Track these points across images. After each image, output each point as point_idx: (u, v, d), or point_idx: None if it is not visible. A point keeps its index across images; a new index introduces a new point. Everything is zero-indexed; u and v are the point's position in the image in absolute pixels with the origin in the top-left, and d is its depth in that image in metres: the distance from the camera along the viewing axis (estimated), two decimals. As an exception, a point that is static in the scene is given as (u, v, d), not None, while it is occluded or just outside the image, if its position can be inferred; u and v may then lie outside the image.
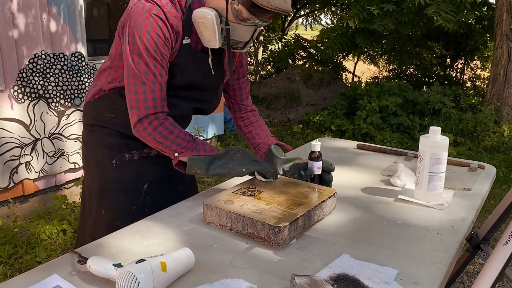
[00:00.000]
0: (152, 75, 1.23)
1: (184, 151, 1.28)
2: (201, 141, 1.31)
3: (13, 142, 3.04)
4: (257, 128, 1.57)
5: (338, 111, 6.31)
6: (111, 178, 1.42)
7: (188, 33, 1.29)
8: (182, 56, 1.30)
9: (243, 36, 1.26)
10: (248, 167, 1.27)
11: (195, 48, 1.32)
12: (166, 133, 1.26)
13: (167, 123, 1.27)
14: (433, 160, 1.29)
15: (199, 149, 1.29)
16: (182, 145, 1.28)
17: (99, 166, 1.44)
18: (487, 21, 7.08)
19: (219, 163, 1.28)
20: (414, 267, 0.99)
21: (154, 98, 1.24)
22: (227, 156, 1.29)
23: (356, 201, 1.37)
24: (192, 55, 1.32)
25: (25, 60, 3.04)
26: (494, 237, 2.66)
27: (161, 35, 1.21)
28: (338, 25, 7.38)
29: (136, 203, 1.41)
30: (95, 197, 1.46)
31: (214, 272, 0.96)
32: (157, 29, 1.20)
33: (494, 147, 5.15)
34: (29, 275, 0.94)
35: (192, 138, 1.30)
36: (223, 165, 1.27)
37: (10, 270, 2.55)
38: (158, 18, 1.20)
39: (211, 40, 1.25)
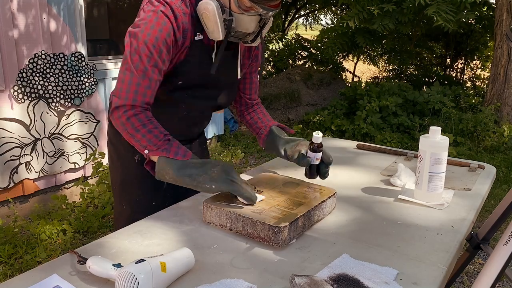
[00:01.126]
0: (143, 69, 1.20)
1: (154, 150, 1.20)
2: (177, 143, 1.22)
3: (13, 142, 3.04)
4: (259, 113, 1.56)
5: (338, 111, 6.31)
6: (133, 173, 1.44)
7: (200, 29, 1.27)
8: (194, 52, 1.28)
9: (247, 27, 1.23)
10: (219, 185, 1.14)
11: (207, 43, 1.31)
12: (138, 125, 1.20)
13: (143, 116, 1.21)
14: (433, 160, 1.29)
15: (170, 150, 1.19)
16: (153, 142, 1.19)
17: (121, 161, 1.46)
18: (487, 21, 7.08)
19: (190, 171, 1.17)
20: (414, 267, 0.99)
21: (136, 91, 1.20)
22: (202, 168, 1.17)
23: (356, 201, 1.37)
24: (205, 50, 1.30)
25: (25, 60, 3.04)
26: (494, 237, 2.66)
27: (163, 34, 1.19)
28: (338, 25, 7.38)
29: (156, 199, 1.43)
30: (117, 191, 1.50)
31: (214, 272, 0.96)
32: (160, 27, 1.18)
33: (494, 147, 5.15)
34: (29, 275, 0.94)
35: (166, 138, 1.21)
36: (194, 176, 1.16)
37: (10, 270, 2.55)
38: (165, 16, 1.19)
39: (214, 32, 1.23)
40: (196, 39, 1.27)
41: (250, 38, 1.28)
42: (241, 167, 4.63)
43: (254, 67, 1.51)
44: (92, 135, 3.58)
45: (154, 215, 1.25)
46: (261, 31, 1.28)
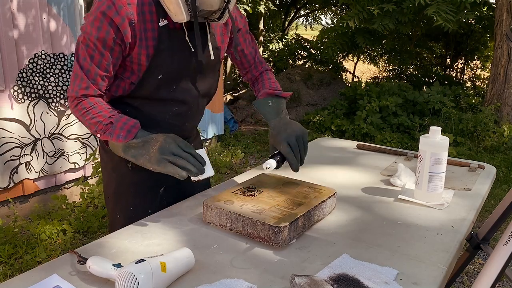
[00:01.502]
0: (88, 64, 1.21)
1: (102, 134, 1.22)
2: (120, 124, 1.21)
3: (13, 142, 3.04)
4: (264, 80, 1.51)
5: (338, 111, 6.31)
6: (127, 181, 1.40)
7: (163, 14, 1.22)
8: (163, 39, 1.24)
9: (212, 4, 1.17)
10: (155, 167, 1.15)
11: (174, 27, 1.25)
12: (83, 112, 1.23)
13: (86, 102, 1.23)
14: (433, 160, 1.29)
15: (113, 134, 1.20)
16: (99, 128, 1.22)
17: (115, 170, 1.41)
18: (487, 21, 7.08)
19: (133, 152, 1.19)
20: (414, 267, 0.99)
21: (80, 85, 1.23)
22: (143, 148, 1.18)
23: (356, 201, 1.37)
24: (174, 35, 1.25)
25: (25, 60, 3.04)
26: (494, 237, 2.66)
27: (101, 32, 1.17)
28: (338, 25, 7.38)
29: (152, 207, 1.35)
30: (111, 200, 1.45)
31: (214, 272, 0.96)
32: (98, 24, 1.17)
33: (494, 147, 5.15)
34: (29, 275, 0.94)
35: (109, 121, 1.21)
36: (137, 157, 1.18)
37: (10, 270, 2.55)
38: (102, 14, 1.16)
39: (178, 14, 1.17)
40: (160, 25, 1.22)
41: (216, 15, 1.23)
42: (241, 167, 4.63)
43: (240, 39, 1.45)
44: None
45: (154, 215, 1.25)
46: (227, 6, 1.22)
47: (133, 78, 1.28)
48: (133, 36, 1.20)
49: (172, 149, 1.15)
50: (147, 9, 1.20)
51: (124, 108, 1.32)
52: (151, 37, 1.22)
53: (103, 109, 1.23)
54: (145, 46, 1.23)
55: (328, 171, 1.63)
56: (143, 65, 1.25)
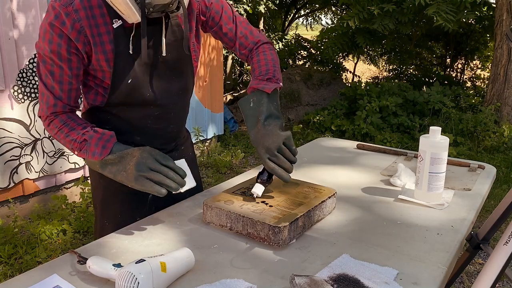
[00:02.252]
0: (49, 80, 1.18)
1: (78, 152, 1.18)
2: (95, 140, 1.15)
3: (13, 142, 3.04)
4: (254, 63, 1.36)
5: (338, 111, 6.31)
6: (114, 189, 1.33)
7: (115, 15, 1.15)
8: (121, 41, 1.17)
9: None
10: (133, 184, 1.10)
11: (130, 26, 1.18)
12: (56, 131, 1.20)
13: (57, 120, 1.20)
14: (433, 160, 1.29)
15: (88, 151, 1.15)
16: (74, 146, 1.18)
17: (102, 177, 1.32)
18: (487, 21, 7.09)
19: (110, 169, 1.14)
20: (414, 267, 0.99)
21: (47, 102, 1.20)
22: (120, 164, 1.13)
23: (356, 201, 1.37)
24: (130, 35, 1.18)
25: (25, 60, 3.04)
26: (494, 237, 2.66)
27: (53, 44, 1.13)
28: (338, 25, 7.38)
29: (140, 214, 1.30)
30: (99, 208, 1.42)
31: (214, 272, 0.96)
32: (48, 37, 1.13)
33: (494, 147, 5.15)
34: (29, 275, 0.94)
35: (83, 138, 1.17)
36: (115, 173, 1.13)
37: (10, 270, 2.55)
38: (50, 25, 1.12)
39: (130, 15, 1.10)
40: (115, 27, 1.16)
41: (174, 6, 1.14)
42: (241, 167, 4.63)
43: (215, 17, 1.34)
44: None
45: (154, 215, 1.25)
46: None
47: (104, 84, 1.24)
48: (86, 43, 1.15)
49: (149, 164, 1.09)
50: (97, 12, 1.14)
51: (106, 116, 1.28)
52: (108, 40, 1.16)
53: (75, 126, 1.19)
54: (102, 51, 1.17)
55: (328, 171, 1.63)
56: (106, 70, 1.20)
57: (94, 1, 1.14)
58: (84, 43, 1.15)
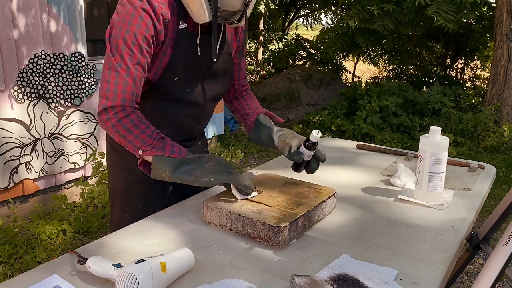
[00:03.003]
0: (126, 67, 1.16)
1: (149, 150, 1.17)
2: (170, 142, 1.20)
3: (13, 142, 3.04)
4: (247, 100, 1.51)
5: (338, 111, 6.31)
6: (137, 180, 1.39)
7: (183, 17, 1.23)
8: (181, 42, 1.24)
9: (234, 4, 1.18)
10: (217, 177, 1.14)
11: (193, 31, 1.26)
12: (130, 126, 1.17)
13: (134, 116, 1.19)
14: (433, 160, 1.29)
15: (165, 149, 1.17)
16: (147, 142, 1.17)
17: (126, 168, 1.41)
18: (487, 21, 7.09)
19: (186, 168, 1.15)
20: (414, 267, 0.99)
21: (124, 90, 1.17)
22: (197, 162, 1.17)
23: (356, 201, 1.37)
24: (191, 39, 1.26)
25: (25, 60, 3.04)
26: (494, 237, 2.66)
27: (141, 29, 1.15)
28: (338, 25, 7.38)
29: (160, 206, 1.36)
30: (119, 199, 1.46)
31: (214, 272, 0.96)
32: (137, 22, 1.14)
33: (494, 147, 5.16)
34: (29, 275, 0.94)
35: (160, 136, 1.19)
36: (190, 171, 1.15)
37: (10, 270, 2.55)
38: (142, 10, 1.14)
39: (200, 14, 1.17)
40: (180, 28, 1.22)
41: (236, 17, 1.23)
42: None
43: (240, 50, 1.46)
44: (92, 135, 3.58)
45: (154, 215, 1.25)
46: (246, 9, 1.22)
47: (150, 77, 1.27)
48: (165, 35, 1.20)
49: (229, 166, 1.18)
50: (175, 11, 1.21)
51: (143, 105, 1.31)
52: (172, 38, 1.23)
53: (150, 125, 1.20)
54: (165, 47, 1.22)
55: (328, 171, 1.63)
56: (162, 66, 1.25)
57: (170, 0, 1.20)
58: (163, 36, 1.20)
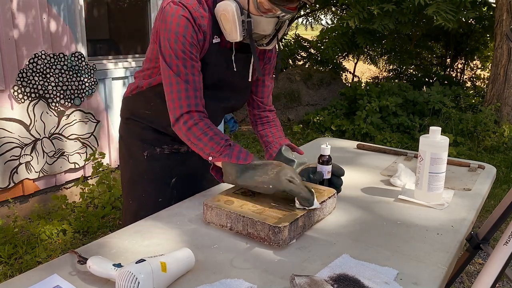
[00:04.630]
0: (184, 75, 1.24)
1: (217, 156, 1.22)
2: (238, 147, 1.24)
3: (13, 142, 3.04)
4: (272, 127, 1.55)
5: (338, 111, 6.31)
6: (142, 169, 1.47)
7: (218, 32, 1.29)
8: (212, 55, 1.30)
9: (265, 29, 1.24)
10: (276, 185, 1.14)
11: (224, 46, 1.33)
12: (199, 134, 1.24)
13: (202, 124, 1.25)
14: (433, 160, 1.29)
15: (232, 155, 1.21)
16: (216, 149, 1.23)
17: (131, 157, 1.50)
18: (487, 21, 7.09)
19: (251, 173, 1.19)
20: (414, 267, 0.99)
21: (187, 96, 1.25)
22: (262, 169, 1.19)
23: (356, 201, 1.37)
24: (222, 53, 1.32)
25: (25, 60, 3.04)
26: (494, 237, 2.66)
27: (188, 36, 1.22)
28: (338, 25, 7.38)
29: (163, 196, 1.45)
30: (125, 187, 1.54)
31: (214, 272, 0.96)
32: (184, 30, 1.22)
33: (494, 147, 5.16)
34: (29, 275, 0.94)
35: (227, 142, 1.24)
36: (254, 177, 1.18)
37: (10, 270, 2.55)
38: (185, 19, 1.22)
39: (232, 33, 1.24)
40: (214, 42, 1.29)
41: (266, 41, 1.30)
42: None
43: (267, 69, 1.52)
44: (92, 135, 3.58)
45: (154, 215, 1.25)
46: (277, 34, 1.30)
47: None
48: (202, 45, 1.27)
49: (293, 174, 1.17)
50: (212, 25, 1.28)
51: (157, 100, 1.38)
52: (205, 48, 1.29)
53: (218, 132, 1.26)
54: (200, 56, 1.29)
55: (328, 171, 1.62)
56: None
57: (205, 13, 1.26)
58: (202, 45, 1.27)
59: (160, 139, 1.47)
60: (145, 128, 1.47)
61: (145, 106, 1.44)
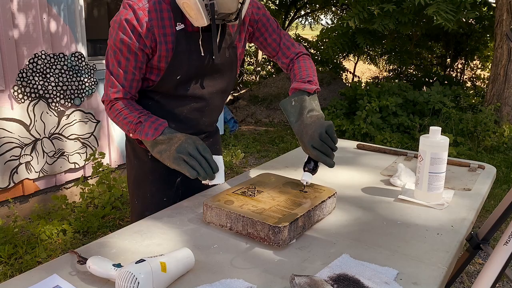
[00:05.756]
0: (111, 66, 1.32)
1: (133, 133, 1.32)
2: (148, 123, 1.29)
3: (13, 142, 3.04)
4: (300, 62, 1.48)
5: (338, 111, 6.31)
6: (147, 169, 1.49)
7: (179, 18, 1.30)
8: (181, 43, 1.31)
9: (230, 7, 1.24)
10: (171, 163, 1.23)
11: (192, 31, 1.33)
12: (116, 114, 1.33)
13: (118, 104, 1.33)
14: (433, 160, 1.29)
15: (142, 132, 1.29)
16: (130, 127, 1.31)
17: (136, 158, 1.52)
18: (487, 21, 7.08)
19: (159, 148, 1.26)
20: (414, 267, 0.99)
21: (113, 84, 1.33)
22: (167, 144, 1.26)
23: (356, 201, 1.37)
24: (191, 38, 1.32)
25: (25, 60, 3.04)
26: (494, 237, 2.66)
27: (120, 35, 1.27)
28: (338, 25, 7.37)
29: (167, 195, 1.47)
30: (131, 187, 1.55)
31: (214, 272, 0.96)
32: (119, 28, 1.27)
33: (494, 147, 5.15)
34: (29, 275, 0.94)
35: (139, 120, 1.30)
36: (162, 152, 1.26)
37: (10, 270, 2.55)
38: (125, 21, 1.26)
39: (199, 19, 1.24)
40: (178, 29, 1.30)
41: (233, 16, 1.29)
42: (241, 167, 4.63)
43: (261, 29, 1.49)
44: (92, 135, 3.58)
45: (154, 215, 1.25)
46: (242, 6, 1.28)
47: (152, 77, 1.37)
48: (153, 40, 1.29)
49: (189, 150, 1.21)
50: (166, 15, 1.29)
51: (147, 102, 1.42)
52: (170, 40, 1.30)
53: (133, 110, 1.33)
54: (164, 50, 1.31)
55: (328, 171, 1.63)
56: (162, 68, 1.34)
57: (164, 5, 1.29)
58: (151, 40, 1.29)
59: None
60: None
61: (144, 106, 1.44)
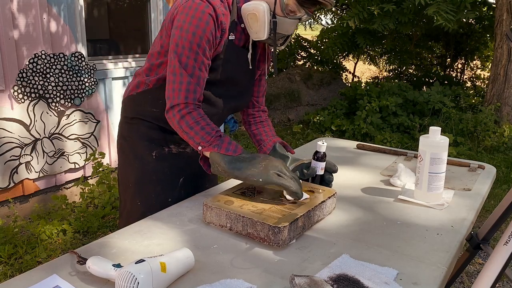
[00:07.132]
0: (191, 68, 1.25)
1: (207, 146, 1.24)
2: (228, 139, 1.25)
3: (13, 142, 3.04)
4: (266, 127, 1.58)
5: (338, 111, 6.31)
6: (150, 170, 1.46)
7: (233, 30, 1.33)
8: (227, 51, 1.33)
9: (288, 29, 1.29)
10: (266, 179, 1.16)
11: (237, 44, 1.37)
12: (191, 123, 1.25)
13: (195, 113, 1.26)
14: (433, 160, 1.29)
15: (221, 146, 1.23)
16: (206, 139, 1.24)
17: (138, 158, 1.47)
18: (487, 21, 7.09)
19: (240, 165, 1.20)
20: (414, 267, 0.99)
21: (187, 89, 1.25)
22: (250, 161, 1.20)
23: (356, 201, 1.37)
24: (235, 50, 1.36)
25: (25, 60, 3.04)
26: (494, 237, 2.66)
27: (207, 32, 1.24)
28: (338, 25, 7.38)
29: (171, 196, 1.45)
30: (131, 189, 1.49)
31: (214, 272, 0.96)
32: (205, 26, 1.23)
33: (494, 147, 5.15)
34: (29, 275, 0.94)
35: (218, 134, 1.25)
36: (242, 169, 1.19)
37: (10, 270, 2.55)
38: (208, 15, 1.23)
39: (260, 32, 1.27)
40: (229, 39, 1.33)
41: (281, 41, 1.34)
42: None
43: (263, 69, 1.54)
44: (92, 135, 3.58)
45: (154, 215, 1.25)
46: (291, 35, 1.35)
47: None
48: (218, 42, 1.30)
49: (281, 168, 1.19)
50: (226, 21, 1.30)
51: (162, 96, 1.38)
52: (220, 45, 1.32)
53: (210, 123, 1.27)
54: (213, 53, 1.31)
55: (328, 171, 1.62)
56: None
57: (225, 11, 1.29)
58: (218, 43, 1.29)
59: (167, 139, 1.46)
60: (152, 127, 1.45)
61: (152, 104, 1.43)
